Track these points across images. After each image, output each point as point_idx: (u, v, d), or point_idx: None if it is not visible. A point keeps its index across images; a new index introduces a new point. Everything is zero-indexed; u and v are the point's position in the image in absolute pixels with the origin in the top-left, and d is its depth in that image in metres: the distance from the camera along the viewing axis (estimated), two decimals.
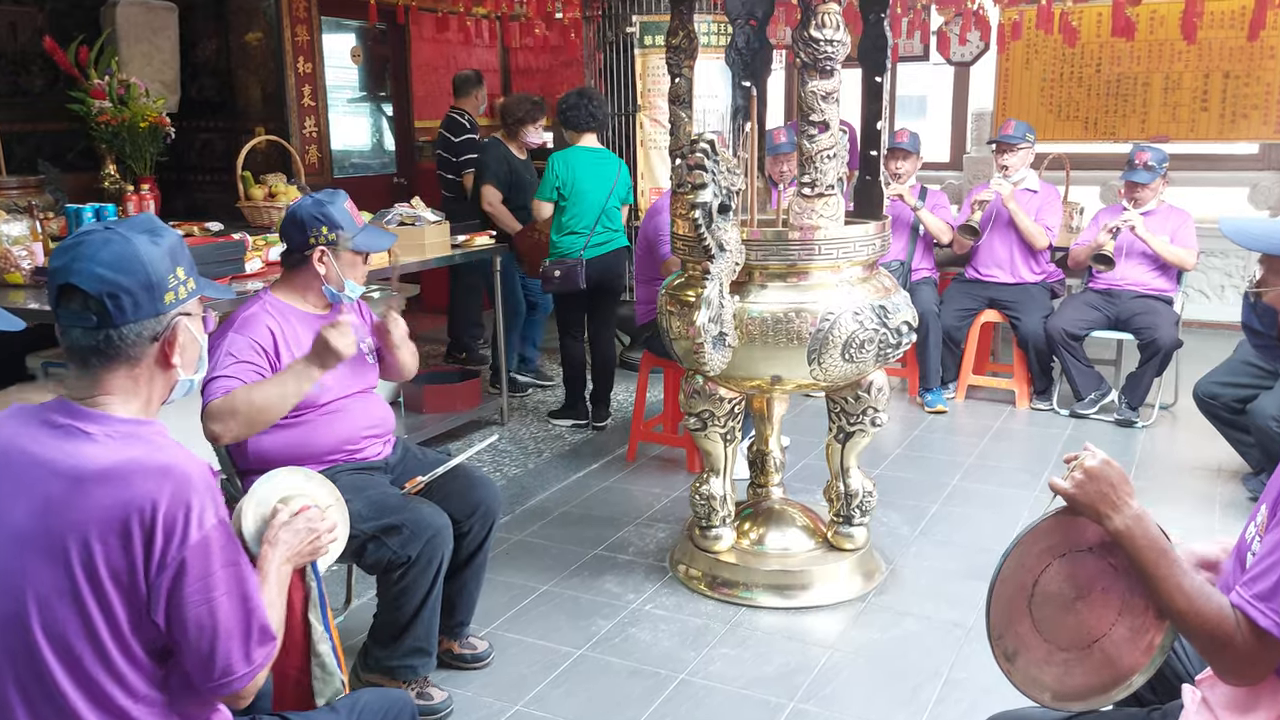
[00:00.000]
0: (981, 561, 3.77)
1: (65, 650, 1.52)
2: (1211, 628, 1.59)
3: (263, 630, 1.64)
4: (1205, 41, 7.02)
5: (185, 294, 1.68)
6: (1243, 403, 4.26)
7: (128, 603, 1.53)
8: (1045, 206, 5.66)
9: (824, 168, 3.21)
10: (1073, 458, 1.76)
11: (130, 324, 1.60)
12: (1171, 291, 5.39)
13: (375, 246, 2.98)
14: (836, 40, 3.12)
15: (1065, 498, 1.73)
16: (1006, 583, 1.79)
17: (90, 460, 1.54)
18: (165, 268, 1.64)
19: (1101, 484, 1.69)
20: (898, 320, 3.32)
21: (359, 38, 8.18)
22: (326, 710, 1.90)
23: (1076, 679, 1.81)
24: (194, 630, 1.55)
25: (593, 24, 6.55)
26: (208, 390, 2.63)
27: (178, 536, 1.52)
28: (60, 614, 1.51)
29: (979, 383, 5.88)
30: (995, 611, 1.79)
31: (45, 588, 1.51)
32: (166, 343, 1.66)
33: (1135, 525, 1.67)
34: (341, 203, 2.88)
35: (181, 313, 1.68)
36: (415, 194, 6.63)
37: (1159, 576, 1.65)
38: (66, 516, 1.51)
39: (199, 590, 1.55)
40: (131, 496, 1.51)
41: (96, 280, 1.58)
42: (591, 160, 5.23)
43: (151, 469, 1.54)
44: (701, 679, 3.05)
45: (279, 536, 1.95)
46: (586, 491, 4.54)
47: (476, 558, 3.04)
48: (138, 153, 5.32)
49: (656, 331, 4.43)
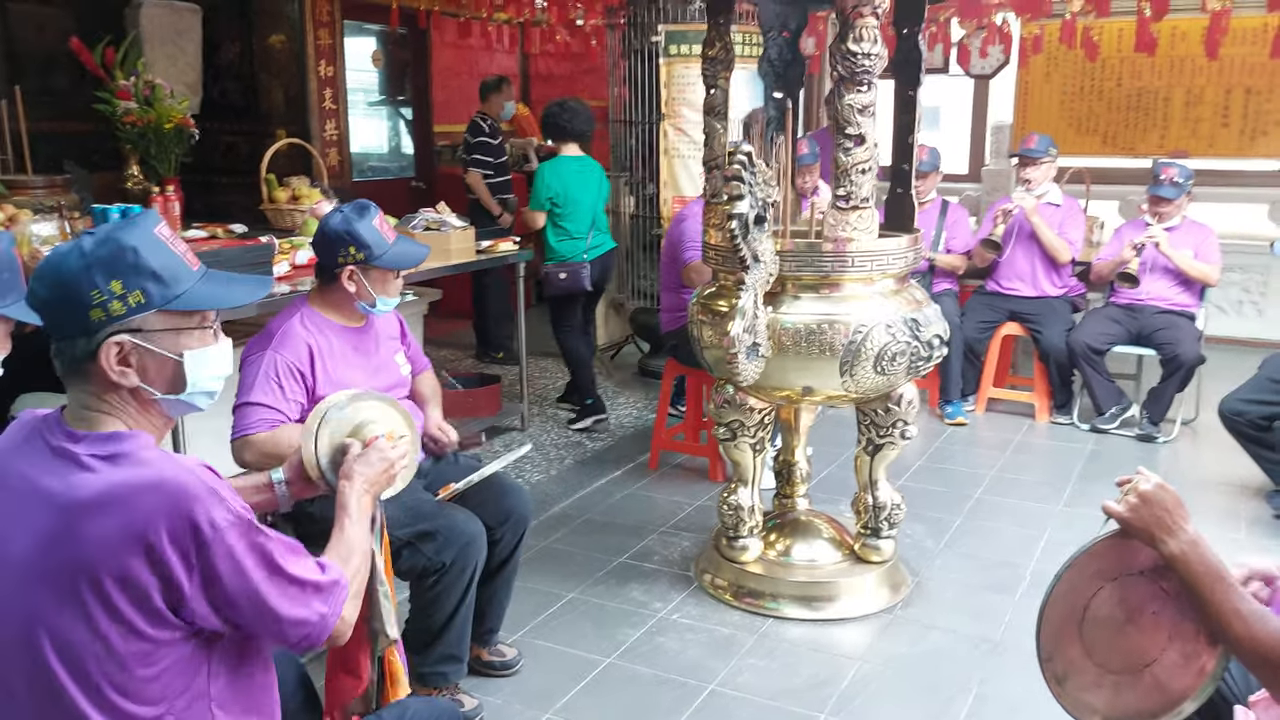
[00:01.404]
0: (1006, 576, 3.77)
1: (83, 674, 1.48)
2: (1267, 651, 1.59)
3: (317, 585, 1.63)
4: (1226, 57, 7.01)
5: (123, 310, 1.51)
6: (1268, 420, 4.26)
7: (151, 624, 1.49)
8: (1068, 220, 5.66)
9: (859, 180, 3.21)
10: (1125, 480, 1.75)
11: (63, 340, 1.53)
12: (1194, 307, 5.39)
13: (406, 263, 2.91)
14: (874, 54, 3.12)
15: (1119, 521, 1.73)
16: (1057, 605, 1.78)
17: (81, 490, 1.48)
18: (87, 283, 1.49)
19: (1156, 508, 1.69)
20: (929, 333, 3.33)
21: (379, 41, 8.21)
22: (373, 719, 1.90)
23: (1127, 703, 1.80)
24: (250, 616, 1.55)
25: (617, 32, 6.55)
26: (248, 414, 2.62)
27: (194, 548, 1.49)
28: (75, 641, 1.47)
29: (999, 395, 5.88)
30: (1046, 634, 1.78)
31: (56, 619, 1.47)
32: (102, 361, 1.52)
33: (1191, 550, 1.67)
34: (371, 220, 2.82)
35: (123, 329, 1.52)
36: (434, 198, 6.65)
37: (1215, 602, 1.64)
38: (70, 552, 1.46)
39: (237, 587, 1.53)
40: (130, 521, 1.45)
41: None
42: (577, 168, 5.48)
43: (144, 488, 1.48)
44: (730, 689, 3.05)
45: (354, 469, 1.96)
46: (609, 499, 4.54)
47: (508, 565, 3.05)
48: (163, 154, 5.32)
49: (682, 339, 4.44)
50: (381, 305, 2.89)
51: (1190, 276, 5.29)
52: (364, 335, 2.91)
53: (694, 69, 5.91)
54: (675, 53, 5.98)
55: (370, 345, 2.93)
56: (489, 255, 5.10)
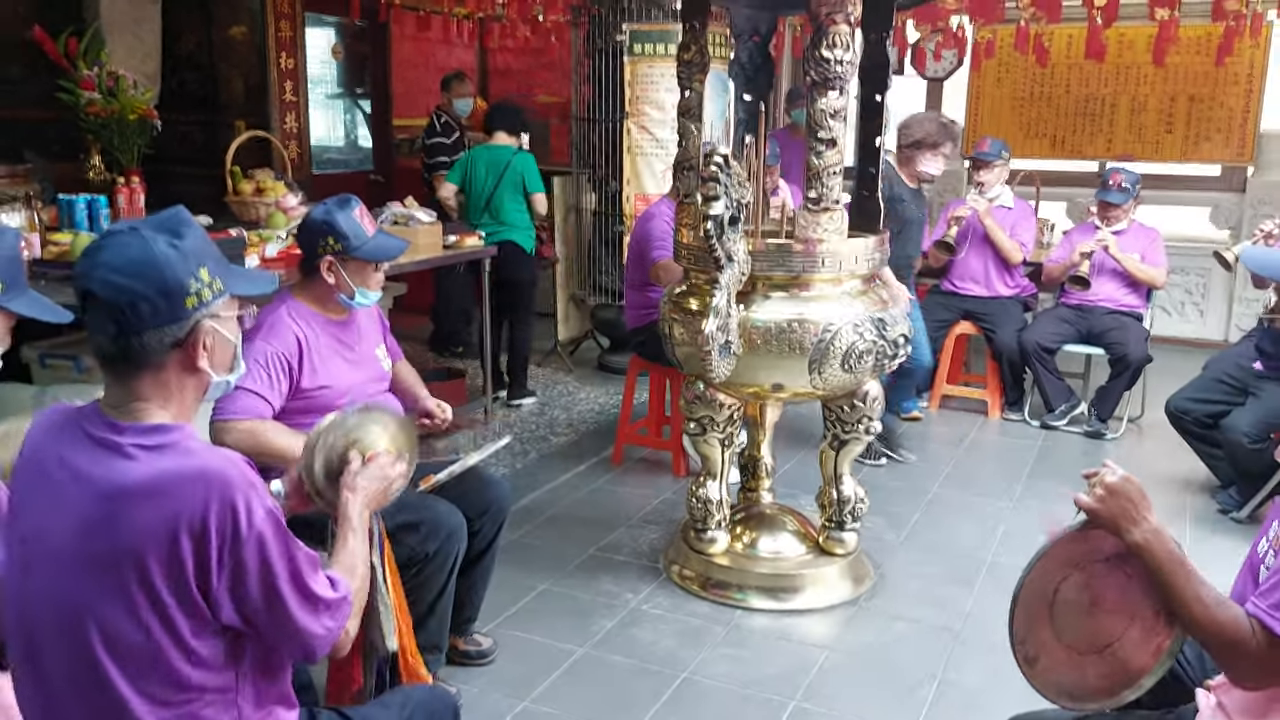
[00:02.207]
0: (965, 567, 3.90)
1: (130, 664, 1.53)
2: (1228, 635, 1.69)
3: (329, 601, 1.68)
4: (1171, 65, 7.22)
5: (210, 296, 1.62)
6: (1213, 418, 4.43)
7: (188, 613, 1.53)
8: (1020, 223, 5.82)
9: (830, 183, 3.30)
10: (1093, 474, 1.85)
11: (150, 331, 1.56)
12: (1141, 308, 5.57)
13: (384, 256, 2.95)
14: (846, 60, 3.21)
15: (1088, 512, 1.83)
16: (1029, 591, 1.88)
17: (125, 477, 1.52)
18: (185, 271, 1.58)
19: (1122, 499, 1.79)
20: (895, 332, 3.43)
21: (339, 34, 8.17)
22: (379, 706, 1.94)
23: (1091, 681, 1.91)
24: (265, 618, 1.59)
25: (581, 30, 6.60)
26: (235, 399, 2.64)
27: (229, 539, 1.53)
28: (121, 631, 1.52)
29: (953, 392, 6.02)
30: (1019, 619, 1.88)
31: (102, 607, 1.51)
32: (190, 347, 1.61)
33: (1154, 539, 1.77)
34: (351, 211, 2.87)
35: (207, 315, 1.62)
36: (393, 191, 6.66)
37: (1176, 586, 1.75)
38: (113, 538, 1.50)
39: (260, 584, 1.57)
40: (176, 509, 1.50)
41: (113, 288, 1.54)
42: (486, 157, 5.79)
43: (189, 477, 1.53)
44: (704, 678, 3.13)
45: (357, 483, 1.99)
46: (576, 493, 4.60)
47: (486, 556, 3.10)
48: (125, 145, 5.29)
49: (648, 336, 4.51)
50: (361, 298, 2.92)
51: (1138, 279, 5.46)
52: (347, 328, 2.95)
53: (658, 68, 6.01)
54: (640, 51, 6.04)
55: (353, 338, 2.96)
56: (456, 250, 5.13)
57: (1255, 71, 7.25)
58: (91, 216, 4.43)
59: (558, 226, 6.82)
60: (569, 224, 6.95)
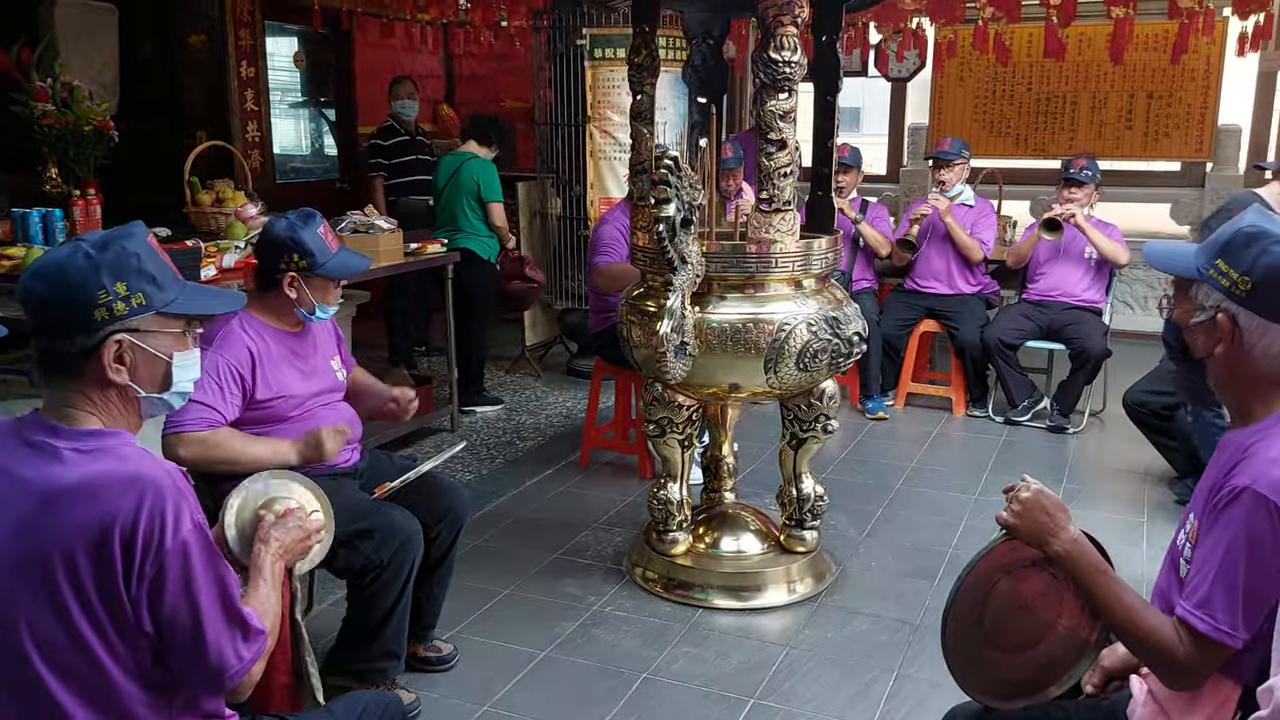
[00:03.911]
0: (926, 562, 3.92)
1: (61, 666, 1.53)
2: (1153, 639, 1.72)
3: (250, 628, 1.67)
4: (1130, 63, 7.30)
5: (125, 310, 1.60)
6: (1169, 410, 4.48)
7: (113, 615, 1.54)
8: (981, 220, 5.87)
9: (781, 184, 3.32)
10: (1011, 489, 1.88)
11: (60, 338, 1.58)
12: (1100, 303, 5.63)
13: (347, 273, 3.00)
14: (794, 61, 3.23)
15: (1008, 528, 1.86)
16: (960, 602, 1.91)
17: (59, 479, 1.53)
18: (94, 283, 1.58)
19: (1038, 513, 1.82)
20: (849, 330, 3.45)
21: (301, 42, 8.15)
22: (324, 713, 1.94)
23: (1023, 677, 1.95)
24: (180, 633, 1.58)
25: (542, 35, 6.61)
26: (185, 411, 2.62)
27: (155, 544, 1.53)
28: (51, 632, 1.52)
29: (917, 390, 6.06)
30: (951, 628, 1.90)
31: (32, 608, 1.52)
32: (100, 360, 1.59)
33: (1073, 548, 1.81)
34: (315, 228, 2.89)
35: (122, 328, 1.61)
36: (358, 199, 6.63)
37: (1099, 593, 1.78)
38: (44, 537, 1.51)
39: (181, 594, 1.56)
40: (107, 510, 1.51)
41: (24, 291, 1.59)
42: (449, 162, 5.93)
43: (121, 480, 1.53)
44: (664, 677, 3.14)
45: (270, 534, 1.99)
46: (541, 497, 4.61)
47: (444, 562, 3.10)
48: (81, 156, 5.24)
49: (609, 340, 4.52)
50: (320, 313, 2.94)
51: (1102, 253, 5.49)
52: (301, 340, 2.95)
53: (619, 72, 6.03)
54: (600, 56, 6.06)
55: (308, 350, 2.97)
56: (417, 257, 5.12)
57: (1212, 68, 7.34)
58: (47, 230, 4.40)
59: (523, 231, 6.81)
60: (534, 229, 6.95)
